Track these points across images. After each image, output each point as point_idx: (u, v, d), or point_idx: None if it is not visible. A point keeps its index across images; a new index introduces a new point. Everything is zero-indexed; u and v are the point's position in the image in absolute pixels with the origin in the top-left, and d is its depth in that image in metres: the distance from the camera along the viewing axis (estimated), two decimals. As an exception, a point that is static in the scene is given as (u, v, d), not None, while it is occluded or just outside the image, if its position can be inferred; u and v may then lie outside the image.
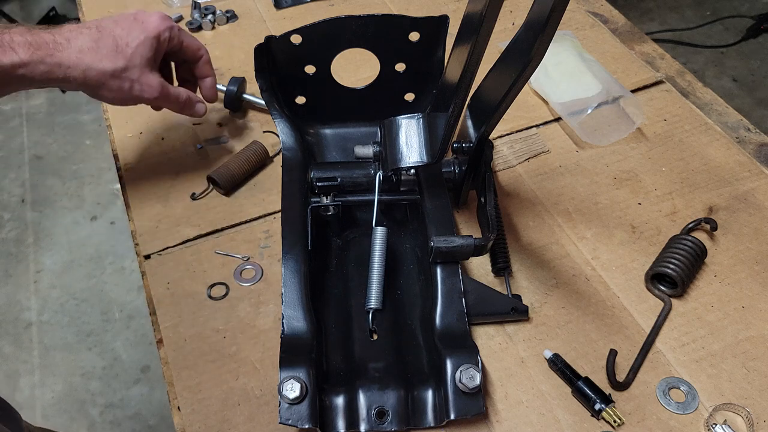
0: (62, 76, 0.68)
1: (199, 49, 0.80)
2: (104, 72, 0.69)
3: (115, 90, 0.71)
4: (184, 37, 0.78)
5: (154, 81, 0.73)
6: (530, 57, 0.56)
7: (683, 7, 2.82)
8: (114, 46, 0.70)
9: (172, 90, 0.77)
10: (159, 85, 0.74)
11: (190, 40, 0.79)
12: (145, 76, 0.72)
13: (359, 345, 0.68)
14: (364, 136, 0.83)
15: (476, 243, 0.65)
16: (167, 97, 0.76)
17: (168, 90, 0.76)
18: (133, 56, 0.71)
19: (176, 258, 0.77)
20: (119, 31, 0.71)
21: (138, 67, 0.71)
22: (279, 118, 0.78)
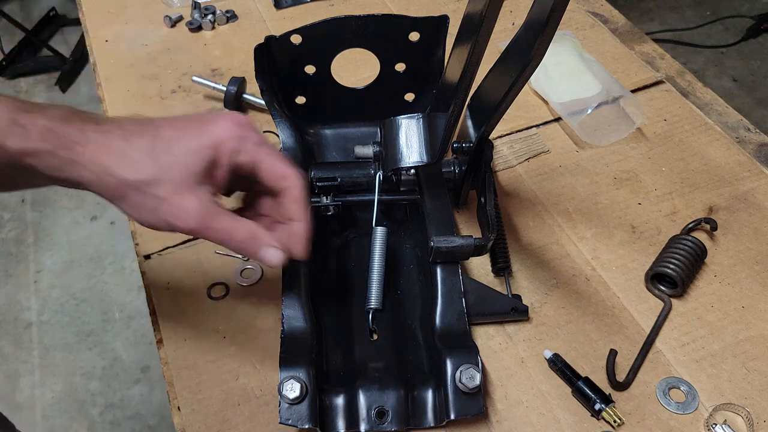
0: (74, 177, 0.50)
1: (283, 177, 0.55)
2: (124, 181, 0.50)
3: (138, 207, 0.52)
4: (264, 155, 0.55)
5: (190, 205, 0.51)
6: (530, 57, 0.56)
7: (683, 7, 2.82)
8: (149, 148, 0.51)
9: (223, 222, 0.53)
10: (197, 213, 0.51)
11: (271, 162, 0.55)
12: (179, 197, 0.51)
13: (359, 345, 0.68)
14: (364, 136, 0.83)
15: (476, 243, 0.65)
16: (212, 230, 0.53)
17: (214, 222, 0.52)
18: (169, 166, 0.51)
19: (176, 258, 0.77)
20: (167, 130, 0.52)
21: (172, 183, 0.51)
22: (279, 118, 0.78)
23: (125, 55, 1.05)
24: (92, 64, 1.04)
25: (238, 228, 0.54)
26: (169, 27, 1.09)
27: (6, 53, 2.59)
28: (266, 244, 0.54)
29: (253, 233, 0.54)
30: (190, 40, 1.07)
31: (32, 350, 1.80)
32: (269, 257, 0.55)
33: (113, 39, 1.08)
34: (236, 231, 0.54)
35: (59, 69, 2.60)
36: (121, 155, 0.50)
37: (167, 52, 1.05)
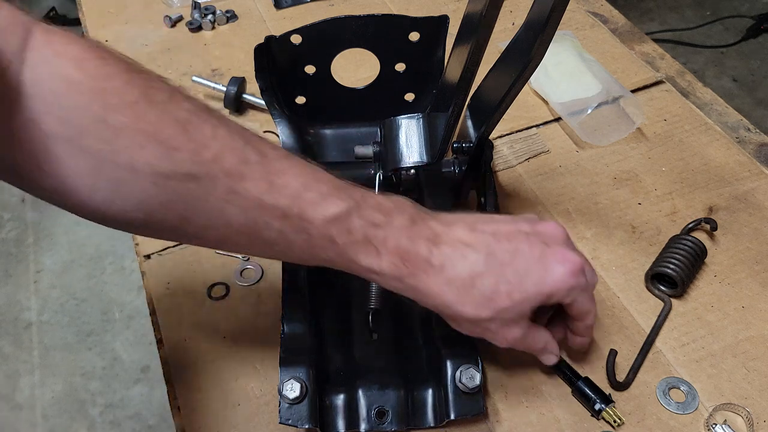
0: (412, 297, 0.54)
1: (588, 312, 0.59)
2: (462, 315, 0.53)
3: (464, 329, 0.56)
4: (581, 299, 0.57)
5: (512, 335, 0.56)
6: (530, 57, 0.56)
7: (683, 7, 2.82)
8: (491, 292, 0.52)
9: (530, 338, 0.57)
10: (515, 340, 0.56)
11: (583, 304, 0.57)
12: (506, 329, 0.55)
13: (359, 345, 0.68)
14: (364, 136, 0.83)
15: (476, 243, 0.65)
16: (519, 345, 0.57)
17: (525, 339, 0.57)
18: (505, 311, 0.53)
19: (176, 258, 0.77)
20: (511, 271, 0.53)
21: (503, 321, 0.54)
22: (279, 118, 0.78)
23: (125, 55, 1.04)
24: (92, 64, 1.04)
25: (537, 339, 0.59)
26: (169, 27, 1.09)
27: (6, 53, 2.59)
28: (550, 351, 0.60)
29: (546, 343, 0.60)
30: (190, 40, 1.07)
31: (32, 350, 1.80)
32: (547, 359, 0.61)
33: (113, 39, 1.08)
34: (535, 342, 0.59)
35: (59, 69, 2.60)
36: (466, 294, 0.52)
37: (167, 52, 1.05)
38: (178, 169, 0.45)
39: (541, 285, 0.53)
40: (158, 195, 0.45)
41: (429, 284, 0.52)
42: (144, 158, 0.44)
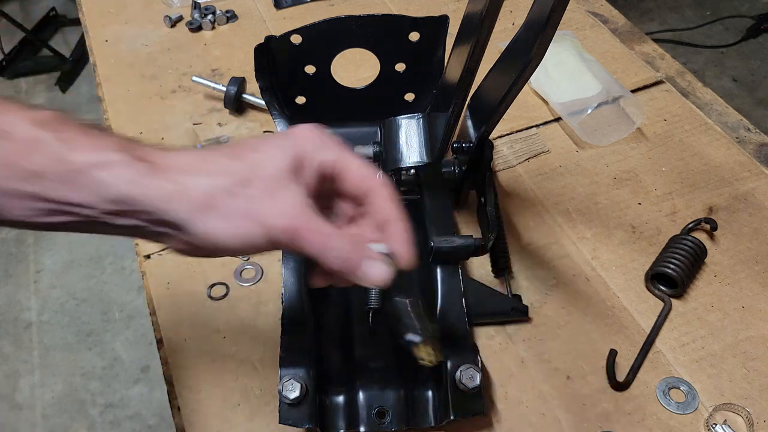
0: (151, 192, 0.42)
1: (370, 176, 0.50)
2: (214, 186, 0.44)
3: (228, 215, 0.43)
4: (347, 155, 0.50)
5: (286, 202, 0.45)
6: (530, 57, 0.56)
7: (683, 7, 2.82)
8: (232, 154, 0.46)
9: (322, 227, 0.45)
10: (293, 210, 0.45)
11: (355, 162, 0.50)
12: (274, 193, 0.45)
13: (359, 345, 0.68)
14: (364, 136, 0.83)
15: (476, 243, 0.65)
16: (308, 234, 0.44)
17: (311, 223, 0.45)
18: (258, 163, 0.45)
19: (176, 258, 0.77)
20: (246, 142, 0.48)
21: (264, 181, 0.45)
22: (279, 118, 0.78)
23: (125, 55, 1.05)
24: (92, 64, 1.04)
25: (336, 235, 0.46)
26: (169, 27, 1.09)
27: (6, 53, 2.59)
28: (368, 257, 0.47)
29: (354, 241, 0.46)
30: (190, 40, 1.07)
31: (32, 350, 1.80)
32: (373, 272, 0.47)
33: (113, 39, 1.08)
34: (334, 238, 0.45)
35: (59, 69, 2.60)
36: (206, 161, 0.45)
37: (167, 52, 1.05)
38: None
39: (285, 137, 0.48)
40: None
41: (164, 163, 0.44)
42: None
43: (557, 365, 0.67)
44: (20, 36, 2.63)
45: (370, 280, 0.46)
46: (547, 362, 0.68)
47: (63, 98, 2.53)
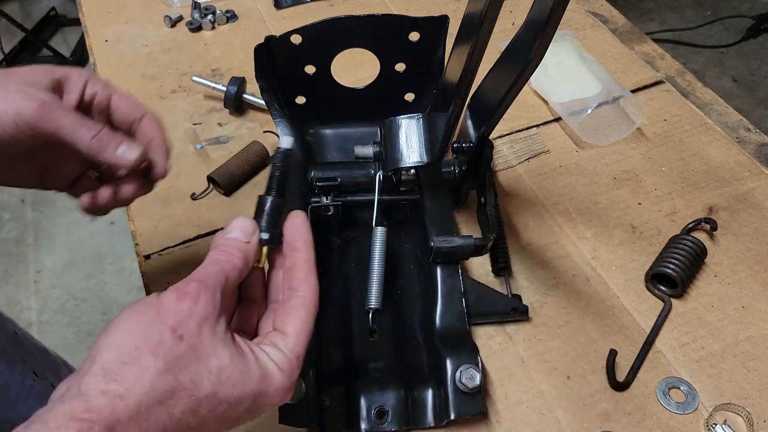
0: None
1: (138, 106, 0.56)
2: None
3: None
4: (115, 90, 0.55)
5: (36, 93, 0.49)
6: (530, 57, 0.56)
7: (683, 7, 2.82)
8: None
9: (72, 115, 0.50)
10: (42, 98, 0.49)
11: (123, 94, 0.56)
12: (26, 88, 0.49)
13: (359, 345, 0.68)
14: (364, 136, 0.83)
15: (476, 243, 0.65)
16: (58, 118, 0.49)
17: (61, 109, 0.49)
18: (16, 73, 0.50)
19: (176, 258, 0.77)
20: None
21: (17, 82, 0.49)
22: (279, 118, 0.78)
23: (125, 55, 1.05)
24: (92, 64, 1.04)
25: (89, 122, 0.50)
26: (169, 27, 1.09)
27: (6, 53, 2.59)
28: (120, 141, 0.52)
29: (107, 129, 0.51)
30: (190, 40, 1.07)
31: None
32: (127, 152, 0.52)
33: (113, 39, 1.08)
34: (87, 123, 0.50)
35: (59, 69, 2.60)
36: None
37: (167, 52, 1.05)
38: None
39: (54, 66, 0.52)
40: None
41: None
42: None
43: (557, 365, 0.67)
44: (20, 36, 2.63)
45: (122, 159, 0.51)
46: (547, 362, 0.68)
47: (63, 98, 2.53)
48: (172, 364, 0.38)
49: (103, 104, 0.54)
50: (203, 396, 0.39)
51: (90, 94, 0.53)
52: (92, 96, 0.53)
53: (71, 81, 0.52)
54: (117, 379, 0.37)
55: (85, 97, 0.53)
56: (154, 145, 0.56)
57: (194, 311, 0.40)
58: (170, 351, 0.38)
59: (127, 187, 0.57)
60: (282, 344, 0.44)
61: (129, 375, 0.37)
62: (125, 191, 0.57)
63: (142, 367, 0.38)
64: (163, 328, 0.39)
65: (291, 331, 0.44)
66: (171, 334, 0.39)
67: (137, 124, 0.56)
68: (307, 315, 0.45)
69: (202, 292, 0.41)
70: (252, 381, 0.41)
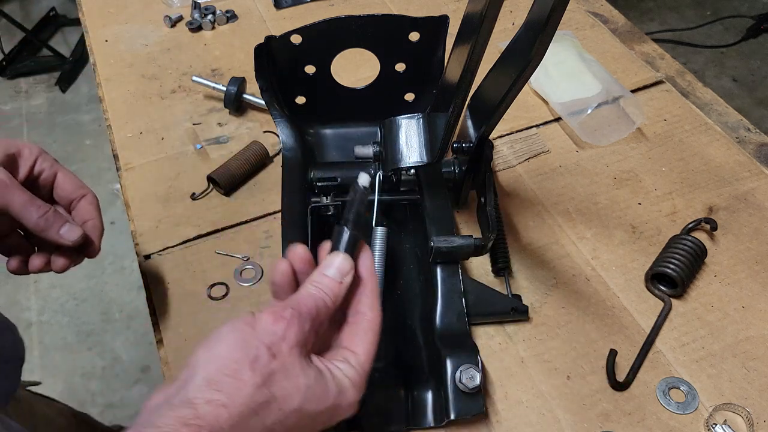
0: None
1: (82, 186, 0.61)
2: None
3: None
4: (62, 168, 0.61)
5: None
6: (530, 57, 0.56)
7: (683, 7, 2.82)
8: None
9: (24, 194, 0.55)
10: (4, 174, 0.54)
11: (69, 174, 0.61)
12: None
13: (359, 345, 0.68)
14: (364, 136, 0.83)
15: (476, 243, 0.65)
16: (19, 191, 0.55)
17: (15, 189, 0.55)
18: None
19: (176, 258, 0.77)
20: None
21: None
22: (279, 118, 0.78)
23: (125, 55, 1.05)
24: (92, 64, 1.04)
25: (39, 202, 0.56)
26: (169, 27, 1.09)
27: (6, 53, 2.59)
28: (65, 220, 0.58)
29: (54, 210, 0.57)
30: (190, 40, 1.07)
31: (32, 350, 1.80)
32: (69, 232, 0.57)
33: (113, 39, 1.08)
34: (37, 203, 0.56)
35: (59, 69, 2.60)
36: None
37: (167, 52, 1.05)
38: None
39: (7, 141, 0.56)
40: None
41: None
42: None
43: (557, 365, 0.67)
44: (20, 36, 2.63)
45: (66, 238, 0.57)
46: (547, 362, 0.68)
47: (63, 98, 2.53)
48: (267, 378, 0.42)
49: (48, 180, 0.60)
50: (291, 410, 0.43)
51: (38, 170, 0.59)
52: (40, 172, 0.59)
53: (23, 156, 0.58)
54: (221, 389, 0.41)
55: (34, 172, 0.59)
56: (90, 225, 0.61)
57: (287, 335, 0.44)
58: (266, 367, 0.42)
59: (59, 260, 0.60)
60: (354, 361, 0.48)
61: (231, 387, 0.41)
62: (58, 264, 0.60)
63: (242, 380, 0.41)
64: (259, 345, 0.43)
65: (360, 350, 0.48)
66: (266, 351, 0.42)
67: (76, 203, 0.61)
68: (373, 336, 0.50)
69: (296, 320, 0.44)
70: (330, 397, 0.45)
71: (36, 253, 0.60)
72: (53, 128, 2.41)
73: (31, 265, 0.60)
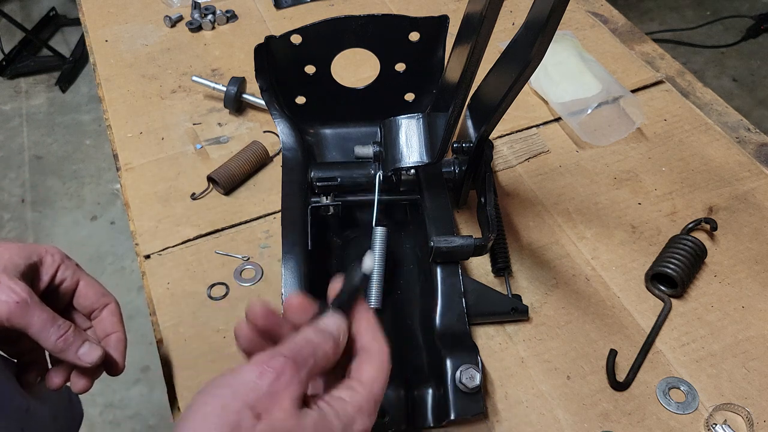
0: None
1: (105, 294, 0.59)
2: None
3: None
4: (84, 275, 0.58)
5: (13, 287, 0.50)
6: (530, 57, 0.56)
7: (683, 7, 2.82)
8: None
9: (44, 312, 0.51)
10: (18, 296, 0.50)
11: (91, 281, 0.58)
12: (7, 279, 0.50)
13: (359, 345, 0.68)
14: (364, 136, 0.83)
15: (476, 243, 0.65)
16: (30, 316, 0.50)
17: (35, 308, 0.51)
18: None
19: (176, 258, 0.77)
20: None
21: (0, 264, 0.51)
22: (279, 118, 0.78)
23: (125, 55, 1.05)
24: (92, 64, 1.04)
25: (59, 320, 0.52)
26: (169, 27, 1.09)
27: (6, 53, 2.59)
28: (84, 339, 0.54)
29: (74, 329, 0.53)
30: (190, 40, 1.07)
31: (32, 350, 1.80)
32: (87, 354, 0.54)
33: (113, 39, 1.08)
34: (57, 322, 0.52)
35: (59, 69, 2.60)
36: None
37: (167, 52, 1.05)
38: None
39: (30, 246, 0.54)
40: None
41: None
42: None
43: (557, 365, 0.67)
44: (20, 36, 2.63)
45: (84, 360, 0.53)
46: (547, 362, 0.68)
47: (63, 98, 2.53)
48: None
49: (69, 288, 0.57)
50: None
51: (60, 279, 0.56)
52: (62, 281, 0.56)
53: (45, 264, 0.55)
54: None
55: (55, 281, 0.56)
56: (113, 340, 0.58)
57: (275, 388, 0.38)
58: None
59: (80, 382, 0.56)
60: (360, 388, 0.43)
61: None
62: (78, 386, 0.56)
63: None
64: (240, 408, 0.37)
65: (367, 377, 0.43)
66: (249, 412, 0.37)
67: (98, 313, 0.58)
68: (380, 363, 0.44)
69: (288, 369, 0.39)
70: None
71: (54, 369, 0.56)
72: (53, 128, 2.41)
73: (50, 383, 0.56)
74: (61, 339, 0.52)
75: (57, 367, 0.56)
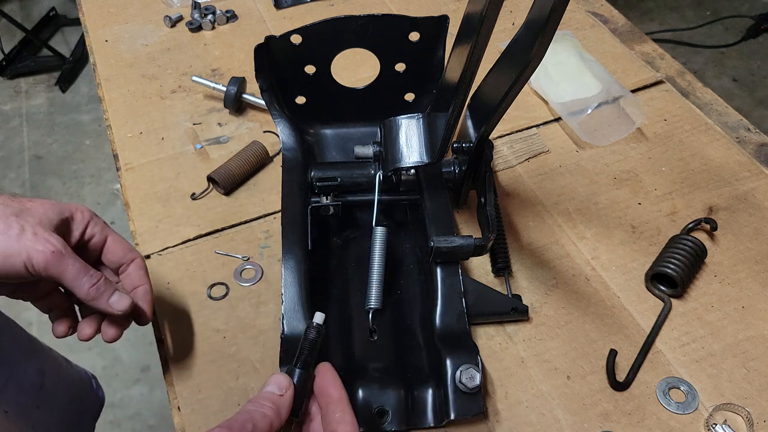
0: None
1: (131, 249, 0.61)
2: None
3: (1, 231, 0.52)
4: (112, 232, 0.60)
5: (50, 239, 0.53)
6: (530, 57, 0.56)
7: (683, 7, 2.82)
8: (8, 198, 0.54)
9: (78, 263, 0.54)
10: (54, 246, 0.52)
11: (118, 238, 0.61)
12: (40, 229, 0.53)
13: (359, 345, 0.68)
14: (364, 136, 0.83)
15: (476, 243, 0.65)
16: (65, 266, 0.53)
17: (69, 258, 0.53)
18: (30, 209, 0.54)
19: (176, 258, 0.77)
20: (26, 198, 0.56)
21: (33, 219, 0.53)
22: (279, 118, 0.78)
23: (125, 55, 1.05)
24: (92, 64, 1.04)
25: (91, 270, 0.55)
26: (169, 27, 1.09)
27: (6, 53, 2.59)
28: (115, 289, 0.56)
29: (105, 279, 0.56)
30: (190, 40, 1.07)
31: (32, 350, 1.80)
32: (118, 302, 0.56)
33: (113, 39, 1.08)
34: (89, 272, 0.55)
35: (59, 69, 2.60)
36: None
37: (167, 52, 1.05)
38: None
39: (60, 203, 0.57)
40: None
41: None
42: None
43: (557, 365, 0.67)
44: (20, 36, 2.63)
45: (115, 308, 0.56)
46: (547, 362, 0.68)
47: (63, 98, 2.53)
48: None
49: (98, 244, 0.60)
50: None
51: (89, 235, 0.59)
52: (91, 236, 0.59)
53: (76, 220, 0.58)
54: None
55: (85, 236, 0.59)
56: (140, 292, 0.60)
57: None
58: None
59: (110, 330, 0.59)
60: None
61: None
62: (108, 334, 0.59)
63: None
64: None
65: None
66: None
67: (125, 267, 0.61)
68: (345, 408, 0.50)
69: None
70: None
71: (85, 320, 0.59)
72: (53, 128, 2.41)
73: (81, 334, 0.59)
74: (93, 288, 0.54)
75: (87, 319, 0.59)
